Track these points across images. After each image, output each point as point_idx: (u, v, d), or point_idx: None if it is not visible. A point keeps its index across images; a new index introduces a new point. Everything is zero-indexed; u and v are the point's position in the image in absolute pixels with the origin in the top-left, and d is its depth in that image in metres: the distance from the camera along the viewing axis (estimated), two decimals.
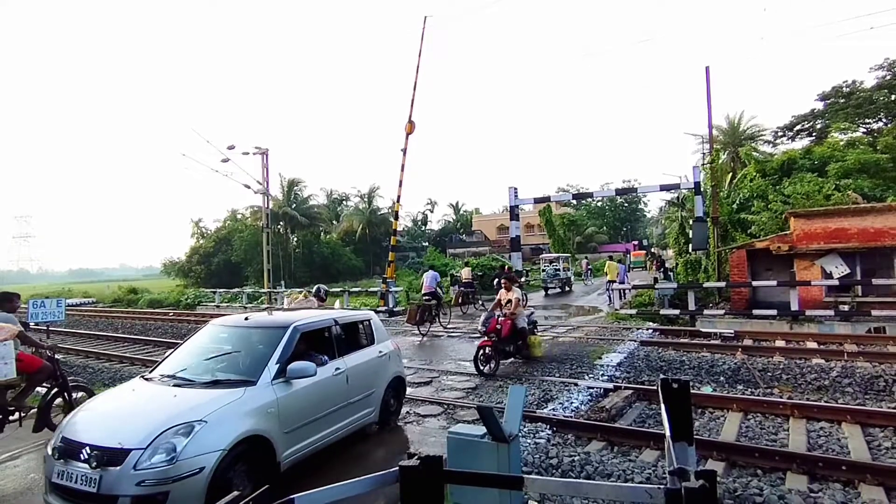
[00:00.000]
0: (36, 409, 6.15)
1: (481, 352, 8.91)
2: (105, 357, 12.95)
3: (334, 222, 58.18)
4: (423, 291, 15.60)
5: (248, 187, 26.08)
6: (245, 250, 44.35)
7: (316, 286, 9.80)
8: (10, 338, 5.74)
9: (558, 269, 28.35)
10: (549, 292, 27.00)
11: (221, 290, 31.57)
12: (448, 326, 14.92)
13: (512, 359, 9.71)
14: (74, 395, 6.60)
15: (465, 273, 21.13)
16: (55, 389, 6.34)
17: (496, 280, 21.47)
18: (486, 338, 9.07)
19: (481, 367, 8.80)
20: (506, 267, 24.13)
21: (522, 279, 29.18)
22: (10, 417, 6.05)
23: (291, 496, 2.07)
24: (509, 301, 9.55)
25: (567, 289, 28.22)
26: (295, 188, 50.72)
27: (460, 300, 19.47)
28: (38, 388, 6.50)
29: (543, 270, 28.84)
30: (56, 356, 6.60)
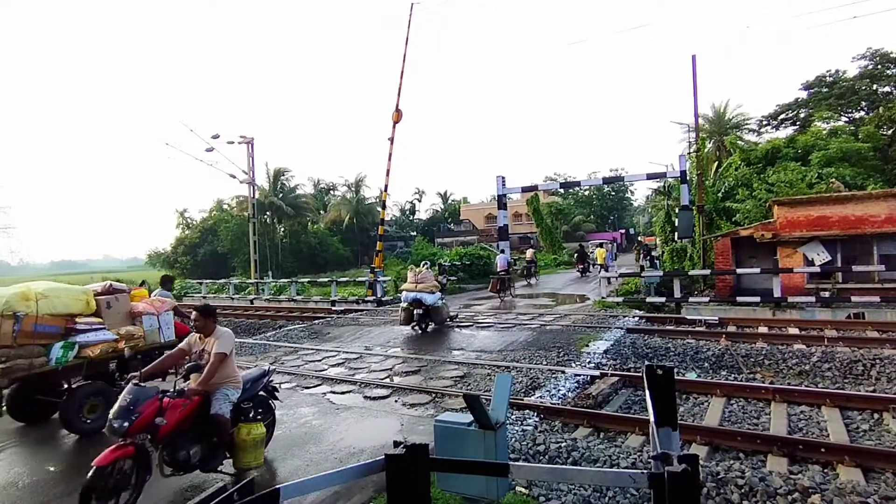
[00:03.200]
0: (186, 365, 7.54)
1: (108, 470, 3.92)
2: None
3: (321, 212, 57.75)
4: (498, 269, 20.04)
5: (234, 177, 25.81)
6: (231, 241, 43.90)
7: (423, 261, 12.34)
8: (170, 309, 7.37)
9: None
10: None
11: (208, 280, 31.23)
12: (515, 294, 19.92)
13: (197, 473, 4.57)
14: None
15: (529, 254, 28.05)
16: None
17: (576, 255, 29.19)
18: (121, 440, 4.04)
19: None
20: (580, 245, 27.78)
21: (512, 267, 29.90)
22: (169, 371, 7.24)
23: (277, 486, 2.06)
24: (199, 361, 4.70)
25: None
26: (281, 178, 50.18)
27: (525, 273, 26.05)
28: None
29: (593, 251, 36.29)
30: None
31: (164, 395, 4.30)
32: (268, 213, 46.62)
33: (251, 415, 4.92)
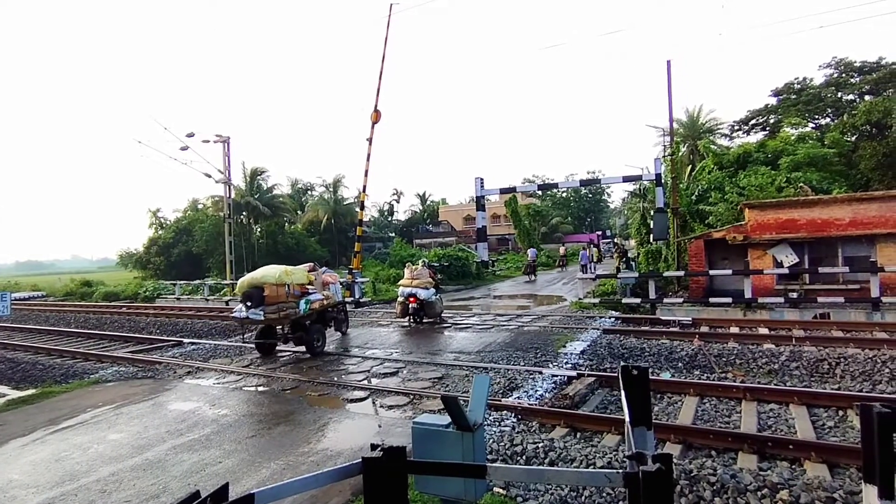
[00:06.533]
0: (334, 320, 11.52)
1: None
2: (56, 353, 12.39)
3: (299, 212, 57.02)
4: (529, 259, 28.60)
5: (209, 176, 25.34)
6: (206, 241, 43.06)
7: (420, 259, 15.37)
8: (337, 281, 11.61)
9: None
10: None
11: (182, 282, 30.56)
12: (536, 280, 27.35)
13: None
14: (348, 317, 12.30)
15: (562, 250, 36.94)
16: (342, 312, 11.89)
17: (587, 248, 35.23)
18: None
19: None
20: (584, 246, 33.79)
21: (490, 268, 30.49)
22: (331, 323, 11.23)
23: (252, 491, 2.02)
24: None
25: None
26: (258, 177, 49.30)
27: (559, 263, 35.55)
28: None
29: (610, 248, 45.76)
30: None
31: None
32: (244, 213, 45.82)
33: None
